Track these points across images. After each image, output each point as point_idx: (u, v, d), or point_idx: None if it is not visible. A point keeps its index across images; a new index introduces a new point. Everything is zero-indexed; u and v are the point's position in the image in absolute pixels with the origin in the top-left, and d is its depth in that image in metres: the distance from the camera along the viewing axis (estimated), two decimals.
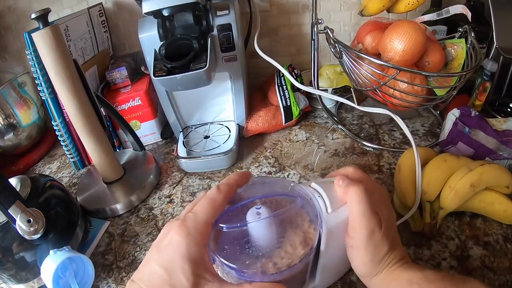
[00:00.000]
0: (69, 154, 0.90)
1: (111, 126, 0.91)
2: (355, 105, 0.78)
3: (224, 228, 0.44)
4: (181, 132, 0.90)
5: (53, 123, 0.87)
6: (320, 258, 0.48)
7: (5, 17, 1.06)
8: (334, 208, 0.46)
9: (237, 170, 0.81)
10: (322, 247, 0.46)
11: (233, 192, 0.47)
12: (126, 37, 1.06)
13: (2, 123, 0.96)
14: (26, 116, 0.99)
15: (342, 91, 0.94)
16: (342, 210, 0.46)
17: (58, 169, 0.97)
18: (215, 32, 0.74)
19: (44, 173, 0.96)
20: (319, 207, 0.46)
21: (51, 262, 0.58)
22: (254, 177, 0.51)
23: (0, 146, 0.97)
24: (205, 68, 0.66)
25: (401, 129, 0.84)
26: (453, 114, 0.73)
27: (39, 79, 0.82)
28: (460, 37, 0.80)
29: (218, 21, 0.74)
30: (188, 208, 0.46)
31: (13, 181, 0.65)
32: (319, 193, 0.48)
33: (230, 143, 0.82)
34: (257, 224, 0.44)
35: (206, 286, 0.40)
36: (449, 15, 0.82)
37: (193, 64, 0.67)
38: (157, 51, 0.72)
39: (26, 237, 0.58)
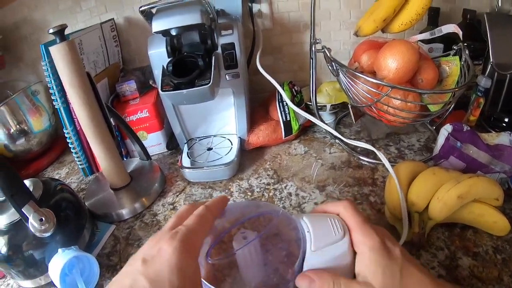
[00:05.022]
0: (78, 161, 0.94)
1: (120, 136, 0.95)
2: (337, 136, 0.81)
3: (210, 261, 0.45)
4: (186, 144, 0.94)
5: (64, 131, 0.91)
6: None
7: (21, 28, 1.11)
8: (317, 248, 0.46)
9: (238, 181, 0.85)
10: None
11: (219, 212, 0.48)
12: (136, 52, 1.11)
13: (14, 128, 1.00)
14: (38, 123, 1.04)
15: (341, 107, 0.98)
16: (327, 251, 0.47)
17: (67, 175, 1.01)
18: (219, 50, 0.79)
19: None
20: (304, 242, 0.47)
21: (59, 260, 0.61)
22: (243, 201, 0.53)
23: (12, 151, 1.01)
24: (209, 85, 0.70)
25: (397, 144, 0.88)
26: (446, 130, 0.76)
27: (53, 89, 0.86)
28: (454, 55, 0.83)
29: (222, 40, 0.78)
30: (172, 222, 0.44)
31: (26, 183, 0.68)
32: (308, 228, 0.49)
33: (232, 155, 0.86)
34: (245, 249, 0.44)
35: None
36: (442, 34, 0.86)
37: (198, 80, 0.72)
38: (165, 67, 0.76)
39: (37, 234, 0.62)
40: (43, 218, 0.62)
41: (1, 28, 1.08)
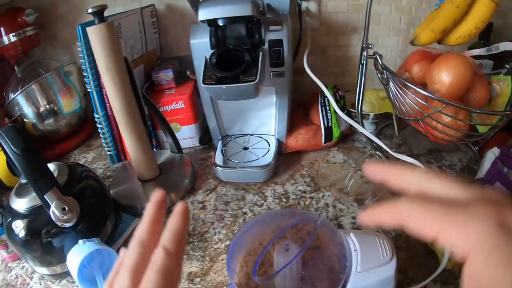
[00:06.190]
0: (107, 147, 0.92)
1: (152, 126, 0.92)
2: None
3: (257, 280, 0.43)
4: (220, 140, 0.90)
5: (95, 115, 0.89)
6: None
7: (58, 7, 1.09)
8: (363, 269, 0.45)
9: (273, 185, 0.81)
10: None
11: (183, 254, 0.37)
12: (175, 40, 1.08)
13: (44, 108, 0.99)
14: (68, 104, 1.02)
15: (382, 117, 0.93)
16: (373, 273, 0.45)
17: (93, 159, 0.99)
18: (265, 46, 0.75)
19: (79, 162, 0.99)
20: (350, 262, 0.45)
21: (79, 252, 0.59)
22: (279, 209, 0.49)
23: (39, 130, 1.00)
24: (255, 82, 0.67)
25: (438, 162, 0.84)
26: (493, 153, 0.72)
27: (87, 71, 0.84)
28: (506, 74, 0.79)
29: (270, 36, 0.74)
30: (125, 279, 0.32)
31: (52, 167, 0.67)
32: (355, 247, 0.47)
33: (269, 158, 0.83)
34: (290, 265, 0.42)
35: None
36: (498, 51, 0.81)
37: (243, 76, 0.68)
38: (208, 59, 0.73)
39: (58, 223, 0.60)
40: (66, 208, 0.60)
41: (37, 5, 1.06)
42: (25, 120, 0.99)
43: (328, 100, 0.90)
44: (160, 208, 0.38)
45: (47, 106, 0.99)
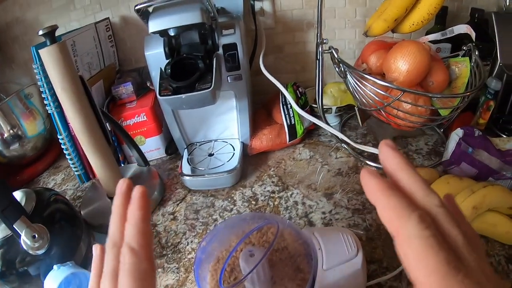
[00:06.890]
0: (74, 167, 0.91)
1: (116, 141, 0.91)
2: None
3: (226, 287, 0.42)
4: (186, 149, 0.90)
5: (58, 136, 0.87)
6: None
7: (13, 28, 1.07)
8: (329, 267, 0.46)
9: (241, 188, 0.81)
10: None
11: (152, 244, 0.36)
12: (133, 52, 1.07)
13: (8, 133, 0.96)
14: (32, 127, 1.00)
15: (346, 109, 0.94)
16: (339, 269, 0.46)
17: (63, 181, 0.97)
18: (220, 51, 0.75)
19: (48, 184, 0.97)
20: (316, 261, 0.46)
21: (55, 277, 0.58)
22: (247, 213, 0.49)
23: (6, 156, 0.98)
24: (211, 89, 0.67)
25: (404, 148, 0.85)
26: (457, 134, 0.73)
27: (45, 93, 0.82)
28: (464, 55, 0.80)
29: (224, 40, 0.74)
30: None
31: (19, 194, 0.65)
32: (320, 245, 0.48)
33: (234, 162, 0.83)
34: (256, 269, 0.42)
35: None
36: (454, 34, 0.82)
37: (198, 84, 0.68)
38: (163, 70, 0.72)
39: (31, 252, 0.59)
40: (36, 235, 0.59)
41: None
42: None
43: None
44: (127, 199, 0.37)
45: (11, 131, 0.97)
